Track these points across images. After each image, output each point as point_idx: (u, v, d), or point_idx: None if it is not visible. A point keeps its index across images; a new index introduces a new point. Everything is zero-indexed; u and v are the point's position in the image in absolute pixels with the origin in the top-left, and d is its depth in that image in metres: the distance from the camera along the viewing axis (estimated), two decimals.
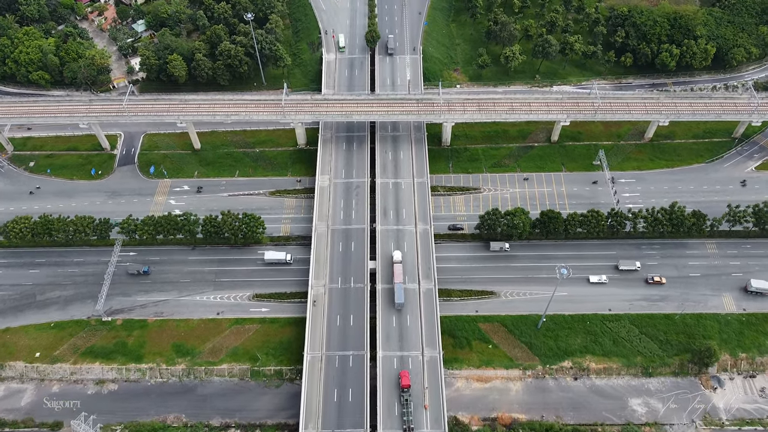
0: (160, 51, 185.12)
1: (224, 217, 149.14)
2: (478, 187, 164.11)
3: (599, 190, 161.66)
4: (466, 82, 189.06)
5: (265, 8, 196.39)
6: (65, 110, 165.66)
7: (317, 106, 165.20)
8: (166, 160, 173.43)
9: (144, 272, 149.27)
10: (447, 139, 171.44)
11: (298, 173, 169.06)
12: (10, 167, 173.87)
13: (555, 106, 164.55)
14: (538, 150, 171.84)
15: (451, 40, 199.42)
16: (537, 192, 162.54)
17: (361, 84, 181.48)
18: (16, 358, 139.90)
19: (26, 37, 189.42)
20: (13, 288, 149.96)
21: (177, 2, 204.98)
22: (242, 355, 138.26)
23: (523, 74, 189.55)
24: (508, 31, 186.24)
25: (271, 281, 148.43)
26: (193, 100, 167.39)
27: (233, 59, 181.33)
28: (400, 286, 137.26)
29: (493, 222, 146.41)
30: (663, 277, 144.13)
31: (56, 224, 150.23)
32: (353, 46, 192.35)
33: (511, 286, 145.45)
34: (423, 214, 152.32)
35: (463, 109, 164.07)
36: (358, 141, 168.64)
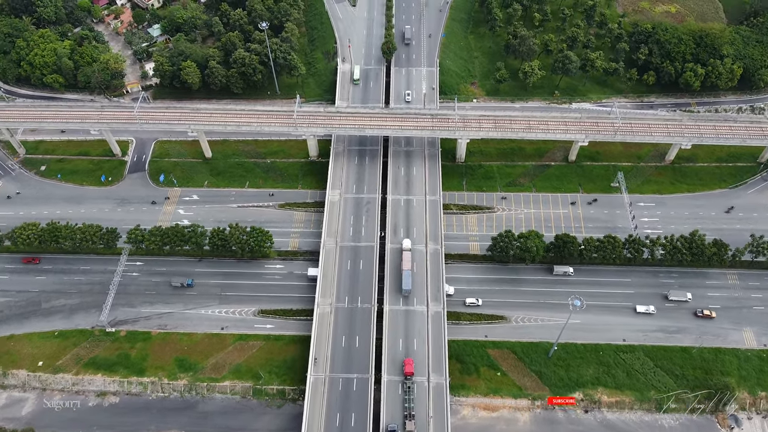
0: (174, 57, 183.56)
1: (232, 230, 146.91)
2: (492, 206, 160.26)
3: (617, 213, 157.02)
4: (483, 97, 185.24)
5: (281, 16, 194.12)
6: (77, 116, 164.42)
7: (330, 118, 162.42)
8: (176, 168, 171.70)
9: (188, 285, 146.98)
10: (461, 156, 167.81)
11: (309, 186, 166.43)
12: (22, 170, 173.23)
13: (573, 126, 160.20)
14: (555, 169, 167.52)
15: (469, 53, 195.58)
16: (552, 214, 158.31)
17: (375, 96, 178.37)
18: (19, 366, 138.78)
19: (42, 40, 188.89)
20: (19, 294, 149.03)
21: (193, 8, 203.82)
22: (245, 373, 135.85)
23: (542, 90, 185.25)
24: (528, 46, 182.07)
25: (277, 297, 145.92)
26: (205, 110, 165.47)
27: (247, 67, 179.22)
28: (409, 273, 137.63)
29: (506, 245, 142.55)
30: (713, 311, 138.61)
31: (63, 231, 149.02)
32: (369, 56, 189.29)
33: (523, 311, 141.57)
34: (434, 233, 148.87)
35: (479, 126, 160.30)
36: (370, 155, 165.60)
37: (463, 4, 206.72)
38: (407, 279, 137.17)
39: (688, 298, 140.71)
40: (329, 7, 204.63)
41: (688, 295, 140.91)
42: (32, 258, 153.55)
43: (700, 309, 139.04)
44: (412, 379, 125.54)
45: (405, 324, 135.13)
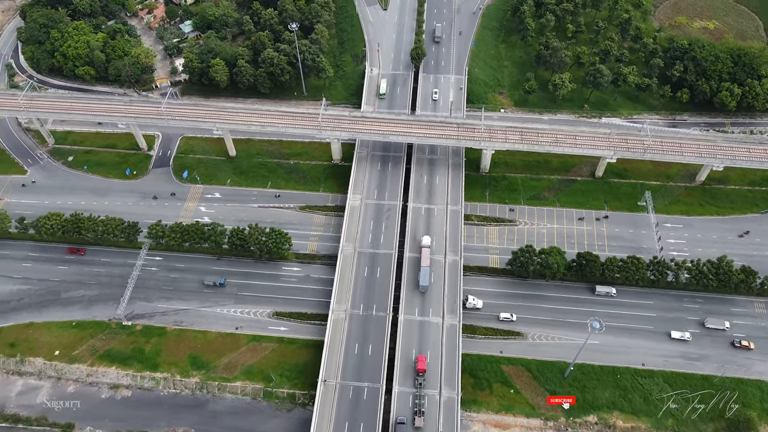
0: (204, 54, 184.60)
1: (251, 230, 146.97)
2: (514, 219, 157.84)
3: (643, 233, 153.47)
4: (510, 107, 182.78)
5: (312, 17, 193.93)
6: (105, 109, 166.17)
7: (355, 123, 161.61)
8: (200, 165, 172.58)
9: (220, 284, 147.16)
10: (486, 166, 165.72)
11: (331, 189, 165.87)
12: (50, 160, 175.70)
13: (602, 141, 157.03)
14: (581, 185, 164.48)
15: (499, 62, 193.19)
16: (575, 230, 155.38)
17: (401, 102, 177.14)
18: (36, 354, 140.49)
19: (75, 32, 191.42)
20: (40, 283, 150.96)
21: (225, 5, 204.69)
22: (257, 374, 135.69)
23: (572, 103, 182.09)
24: (559, 58, 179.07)
25: (292, 300, 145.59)
26: (231, 108, 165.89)
27: (275, 67, 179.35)
28: (427, 270, 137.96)
29: (526, 260, 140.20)
30: (751, 342, 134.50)
31: (86, 223, 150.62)
32: (397, 62, 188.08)
33: (540, 328, 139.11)
34: (454, 244, 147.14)
35: (505, 138, 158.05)
36: (393, 161, 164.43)
37: (495, 13, 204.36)
38: (425, 275, 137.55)
39: (725, 327, 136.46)
40: (360, 10, 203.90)
41: (726, 324, 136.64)
42: (77, 249, 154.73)
43: (737, 339, 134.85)
44: (423, 376, 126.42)
45: (419, 335, 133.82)
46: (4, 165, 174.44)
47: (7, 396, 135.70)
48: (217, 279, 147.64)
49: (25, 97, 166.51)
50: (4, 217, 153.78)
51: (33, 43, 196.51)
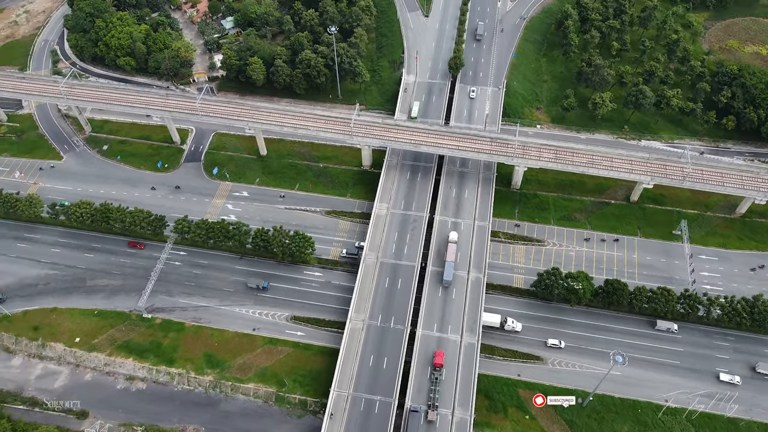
0: (242, 52, 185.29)
1: (275, 232, 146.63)
2: (542, 239, 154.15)
3: (676, 263, 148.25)
4: (547, 123, 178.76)
5: (352, 20, 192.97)
6: (142, 101, 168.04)
7: (387, 130, 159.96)
8: (230, 163, 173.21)
9: (263, 287, 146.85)
10: (517, 183, 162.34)
11: (359, 195, 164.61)
12: (85, 148, 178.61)
13: (639, 166, 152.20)
14: (614, 208, 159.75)
15: (539, 76, 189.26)
16: (605, 255, 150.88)
17: (436, 112, 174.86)
18: (58, 339, 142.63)
19: (120, 22, 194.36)
20: (67, 269, 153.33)
21: (267, 3, 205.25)
22: (270, 377, 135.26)
23: (611, 123, 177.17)
24: (601, 76, 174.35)
25: (311, 305, 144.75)
26: (264, 108, 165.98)
27: (312, 69, 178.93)
28: (451, 265, 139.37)
29: (551, 283, 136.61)
30: None
31: (115, 213, 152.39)
32: (435, 70, 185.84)
33: (561, 354, 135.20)
34: (478, 261, 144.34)
35: (539, 155, 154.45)
36: (423, 172, 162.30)
37: (539, 26, 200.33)
38: (449, 270, 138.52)
39: None
40: (401, 16, 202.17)
41: None
42: (138, 243, 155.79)
43: None
44: (440, 371, 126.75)
45: None
46: (42, 150, 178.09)
47: (27, 379, 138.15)
48: (261, 282, 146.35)
49: (65, 84, 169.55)
50: (37, 202, 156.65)
51: (78, 31, 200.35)
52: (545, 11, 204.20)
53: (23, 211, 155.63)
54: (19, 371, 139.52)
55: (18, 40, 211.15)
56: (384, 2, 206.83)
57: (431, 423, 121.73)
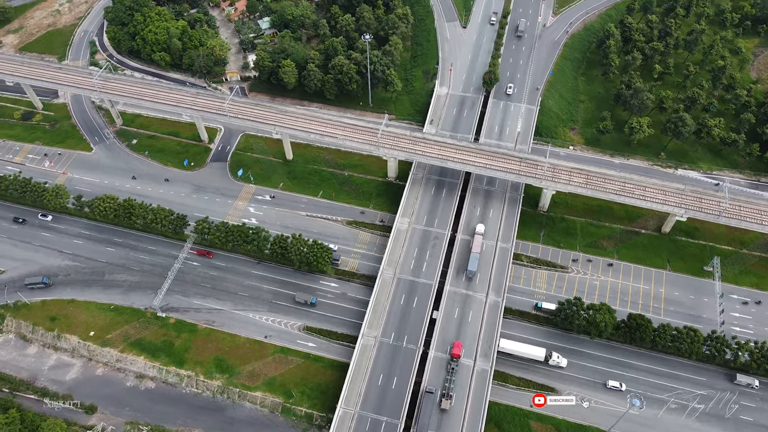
0: (276, 54, 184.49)
1: (294, 240, 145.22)
2: (566, 265, 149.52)
3: (705, 301, 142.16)
4: (581, 145, 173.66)
5: (388, 28, 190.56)
6: (172, 99, 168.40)
7: (414, 143, 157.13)
8: (256, 165, 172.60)
9: (311, 303, 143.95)
10: (544, 205, 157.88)
11: (381, 207, 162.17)
12: (115, 141, 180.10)
13: (673, 197, 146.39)
14: (644, 239, 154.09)
15: (575, 96, 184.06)
16: (631, 287, 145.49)
17: (467, 126, 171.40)
18: (73, 331, 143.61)
19: (158, 17, 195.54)
20: (87, 261, 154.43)
21: (304, 6, 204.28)
22: (278, 387, 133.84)
23: (647, 148, 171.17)
24: (641, 99, 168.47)
25: (324, 316, 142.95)
26: (292, 113, 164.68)
27: (344, 75, 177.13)
28: (476, 256, 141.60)
29: (572, 313, 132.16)
30: None
31: (137, 210, 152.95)
32: (469, 83, 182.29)
33: (578, 387, 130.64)
34: (498, 283, 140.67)
35: (569, 179, 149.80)
36: (448, 188, 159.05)
37: (579, 43, 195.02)
38: (473, 261, 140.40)
39: None
40: (439, 25, 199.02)
41: None
42: (206, 252, 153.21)
43: None
44: (457, 362, 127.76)
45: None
46: (73, 140, 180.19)
47: (40, 368, 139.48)
48: (309, 298, 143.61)
49: (99, 77, 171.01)
50: (63, 193, 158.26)
51: (117, 23, 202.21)
52: (587, 29, 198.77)
53: (49, 201, 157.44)
54: (34, 360, 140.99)
55: (59, 29, 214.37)
56: (422, 10, 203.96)
57: (444, 411, 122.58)
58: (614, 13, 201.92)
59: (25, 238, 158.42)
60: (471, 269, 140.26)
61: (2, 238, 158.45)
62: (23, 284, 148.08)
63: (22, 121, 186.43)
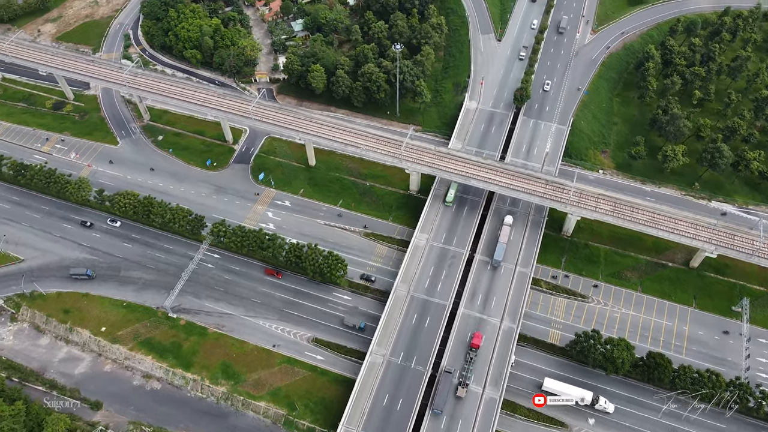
0: (306, 58, 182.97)
1: (309, 250, 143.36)
2: (587, 295, 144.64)
3: (730, 344, 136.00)
4: (611, 169, 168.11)
5: (421, 37, 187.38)
6: (199, 98, 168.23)
7: (438, 158, 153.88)
8: (278, 169, 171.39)
9: (360, 328, 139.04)
10: (568, 230, 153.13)
11: (401, 220, 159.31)
12: (141, 136, 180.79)
13: (705, 232, 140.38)
14: (671, 272, 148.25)
15: (609, 117, 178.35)
16: (653, 322, 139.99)
17: (494, 143, 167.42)
18: (85, 325, 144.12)
19: (192, 15, 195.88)
20: (105, 256, 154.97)
21: (338, 10, 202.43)
22: (282, 399, 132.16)
23: (681, 177, 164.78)
24: (677, 126, 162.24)
25: (335, 329, 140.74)
26: (317, 120, 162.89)
27: (373, 83, 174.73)
28: (503, 246, 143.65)
29: (589, 347, 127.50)
30: None
31: (156, 208, 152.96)
32: (499, 99, 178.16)
33: (587, 426, 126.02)
34: (514, 309, 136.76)
35: (596, 206, 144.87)
36: (470, 206, 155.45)
37: (617, 63, 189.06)
38: (500, 251, 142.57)
39: None
40: (473, 37, 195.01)
41: None
42: (275, 272, 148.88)
43: None
44: (476, 352, 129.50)
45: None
46: (101, 133, 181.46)
47: (51, 360, 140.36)
48: (358, 322, 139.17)
49: (129, 72, 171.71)
50: (86, 186, 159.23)
51: (152, 18, 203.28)
52: (626, 48, 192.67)
53: (72, 194, 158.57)
54: (45, 351, 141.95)
55: (96, 21, 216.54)
56: (457, 20, 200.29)
57: (458, 399, 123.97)
58: (656, 34, 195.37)
59: (46, 228, 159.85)
60: (497, 258, 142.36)
61: (25, 227, 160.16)
62: (68, 274, 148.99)
63: (53, 110, 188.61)
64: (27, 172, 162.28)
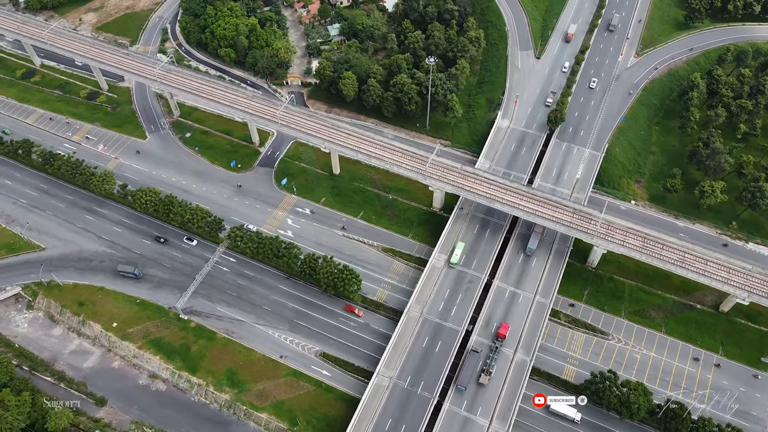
0: (338, 64, 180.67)
1: (324, 262, 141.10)
2: (607, 332, 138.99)
3: (757, 397, 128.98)
4: (644, 201, 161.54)
5: (457, 50, 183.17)
6: (228, 99, 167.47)
7: (463, 178, 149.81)
8: (301, 175, 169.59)
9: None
10: (594, 261, 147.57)
11: (421, 237, 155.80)
12: (169, 132, 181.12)
13: (737, 277, 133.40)
14: (698, 314, 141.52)
15: (646, 146, 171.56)
16: (675, 367, 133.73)
17: (523, 165, 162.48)
18: (97, 319, 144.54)
19: (229, 13, 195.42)
20: (124, 250, 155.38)
21: (376, 17, 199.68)
22: (285, 412, 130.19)
23: (717, 215, 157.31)
24: (717, 161, 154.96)
25: (344, 345, 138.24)
26: (344, 129, 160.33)
27: (404, 95, 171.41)
28: (537, 236, 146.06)
29: (604, 388, 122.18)
30: None
31: (176, 207, 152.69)
32: (533, 119, 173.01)
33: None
34: (529, 341, 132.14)
35: (623, 240, 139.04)
36: (493, 228, 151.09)
37: (659, 89, 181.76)
38: (534, 240, 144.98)
39: None
40: (511, 53, 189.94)
41: None
42: (355, 309, 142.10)
43: None
44: (502, 342, 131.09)
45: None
46: (131, 126, 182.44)
47: (61, 351, 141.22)
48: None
49: (161, 68, 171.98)
50: (110, 179, 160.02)
51: (190, 14, 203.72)
52: (670, 74, 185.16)
53: (96, 186, 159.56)
54: (57, 342, 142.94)
55: (136, 13, 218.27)
56: (496, 35, 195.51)
57: (480, 386, 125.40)
58: (703, 61, 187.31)
59: (69, 218, 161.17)
60: (531, 247, 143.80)
61: (49, 215, 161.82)
62: (116, 269, 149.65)
63: (87, 100, 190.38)
64: (55, 162, 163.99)
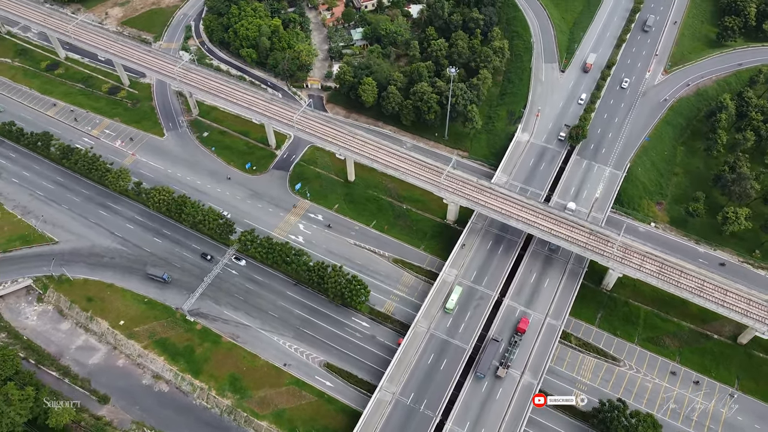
0: (359, 69, 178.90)
1: (333, 271, 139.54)
2: (619, 358, 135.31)
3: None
4: (664, 223, 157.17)
5: (480, 60, 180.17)
6: (246, 101, 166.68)
7: (479, 192, 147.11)
8: (316, 180, 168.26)
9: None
10: (609, 284, 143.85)
11: (433, 250, 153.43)
12: (187, 130, 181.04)
13: (758, 309, 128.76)
14: (715, 345, 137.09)
15: (670, 167, 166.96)
16: (687, 398, 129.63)
17: (541, 181, 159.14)
18: (105, 316, 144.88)
19: (252, 13, 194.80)
20: (135, 248, 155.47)
21: (399, 22, 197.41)
22: (285, 422, 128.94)
23: (740, 242, 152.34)
24: (743, 187, 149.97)
25: (349, 356, 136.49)
26: (360, 137, 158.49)
27: (423, 103, 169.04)
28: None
29: (612, 418, 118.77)
30: None
31: (189, 208, 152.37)
32: (553, 134, 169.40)
33: None
34: (537, 365, 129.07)
35: (640, 264, 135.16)
36: (506, 245, 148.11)
37: (687, 108, 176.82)
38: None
39: None
40: (535, 65, 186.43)
41: None
42: None
43: None
44: (521, 336, 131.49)
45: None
46: (149, 123, 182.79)
47: (68, 346, 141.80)
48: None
49: (181, 67, 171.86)
50: (125, 176, 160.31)
51: (214, 13, 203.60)
52: (699, 94, 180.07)
53: (111, 182, 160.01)
54: (64, 337, 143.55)
55: (162, 8, 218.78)
56: (521, 46, 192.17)
57: (498, 378, 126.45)
58: (734, 81, 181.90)
59: (83, 213, 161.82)
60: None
61: (63, 209, 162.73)
62: (145, 271, 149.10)
63: (108, 94, 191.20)
64: (72, 156, 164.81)
